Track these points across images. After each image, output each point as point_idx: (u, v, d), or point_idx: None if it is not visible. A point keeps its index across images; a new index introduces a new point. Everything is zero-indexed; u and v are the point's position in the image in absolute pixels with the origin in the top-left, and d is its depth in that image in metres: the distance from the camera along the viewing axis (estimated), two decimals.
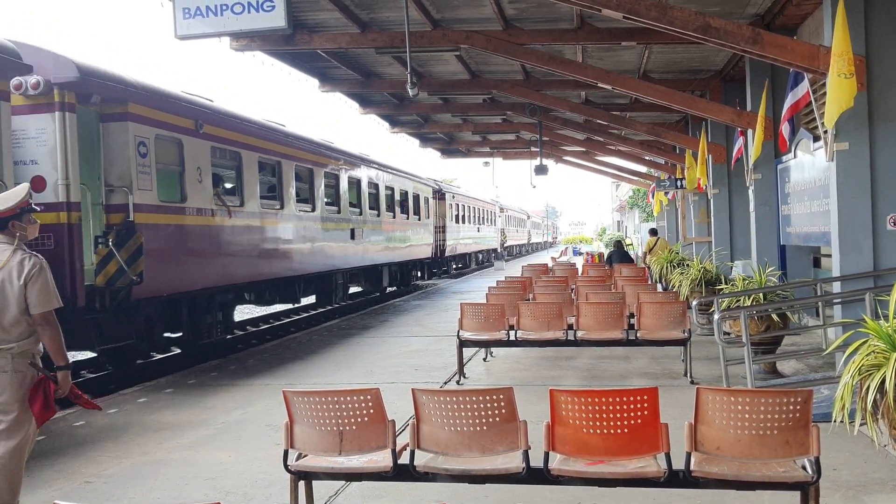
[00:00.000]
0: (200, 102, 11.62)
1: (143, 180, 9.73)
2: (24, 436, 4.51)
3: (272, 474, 5.51)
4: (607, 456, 3.98)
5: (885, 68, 7.52)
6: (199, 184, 11.10)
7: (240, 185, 12.47)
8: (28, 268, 4.51)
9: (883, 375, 4.34)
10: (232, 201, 12.11)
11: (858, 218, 7.63)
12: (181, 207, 10.72)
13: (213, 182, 11.50)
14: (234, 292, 12.93)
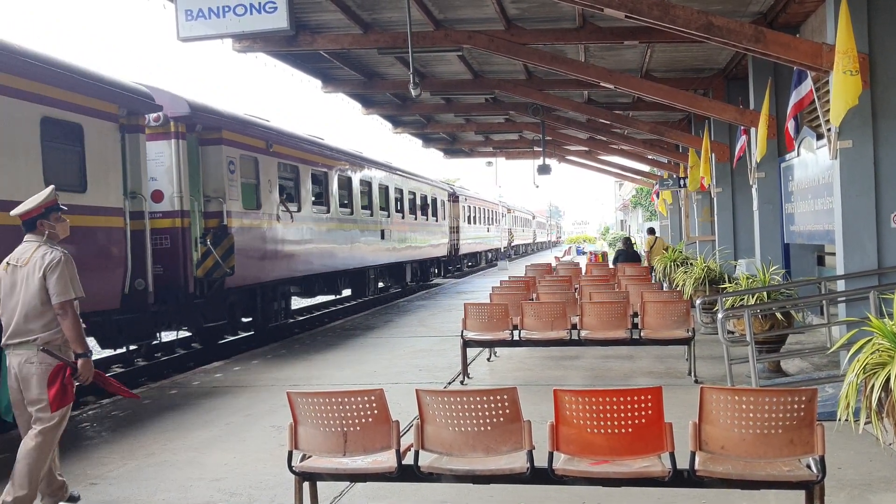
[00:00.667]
0: (270, 126, 14.01)
1: (232, 192, 11.97)
2: (56, 426, 4.81)
3: (277, 475, 5.53)
4: (611, 456, 3.98)
5: (888, 66, 7.51)
6: (270, 193, 13.38)
7: (297, 194, 14.75)
8: (48, 260, 4.79)
9: (888, 373, 4.34)
10: (292, 207, 14.29)
11: (862, 216, 7.62)
12: (258, 213, 12.93)
13: (279, 192, 13.77)
14: (292, 284, 15.15)
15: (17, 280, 4.85)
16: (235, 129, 12.32)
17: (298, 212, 14.55)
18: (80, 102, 8.62)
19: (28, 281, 4.81)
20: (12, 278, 4.87)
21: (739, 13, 10.72)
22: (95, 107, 8.87)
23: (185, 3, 8.02)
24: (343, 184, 17.37)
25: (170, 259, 10.65)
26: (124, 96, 9.41)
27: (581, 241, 77.71)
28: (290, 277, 14.49)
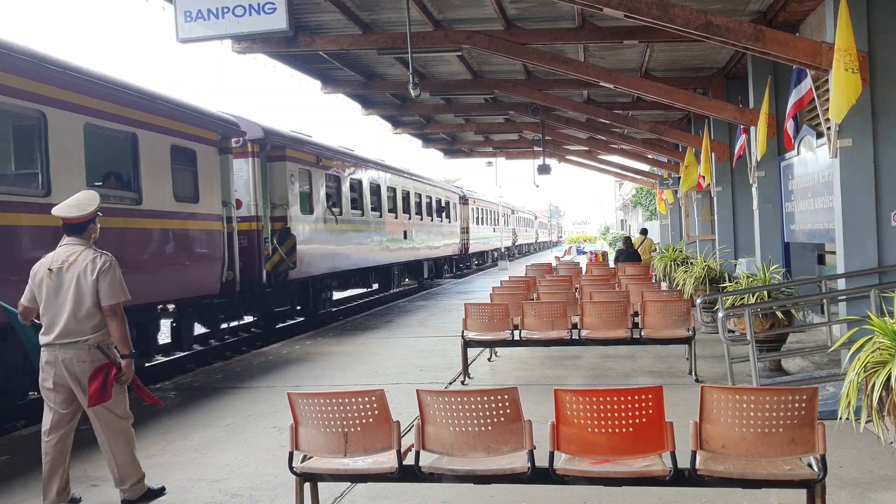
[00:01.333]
0: (319, 143, 16.38)
1: (293, 199, 14.35)
2: (122, 415, 5.16)
3: (278, 476, 5.53)
4: (612, 455, 3.98)
5: (888, 64, 7.50)
6: (319, 200, 15.83)
7: (339, 200, 17.15)
8: (100, 264, 5.04)
9: (888, 372, 4.34)
10: (335, 212, 16.68)
11: (863, 214, 7.61)
12: (311, 217, 15.29)
13: (325, 198, 16.19)
14: (334, 278, 17.58)
15: (64, 282, 5.01)
16: (295, 147, 14.80)
17: (340, 215, 17.04)
18: (194, 133, 10.90)
19: (79, 283, 4.99)
20: (57, 281, 5.02)
21: (739, 12, 10.72)
22: (204, 135, 11.17)
23: (184, 4, 8.02)
24: (374, 190, 20.01)
25: (247, 255, 12.85)
26: (220, 125, 11.70)
27: (581, 240, 77.88)
28: (333, 272, 16.99)
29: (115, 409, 5.12)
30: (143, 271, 9.56)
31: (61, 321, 4.98)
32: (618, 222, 76.10)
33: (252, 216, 13.19)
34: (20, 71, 7.67)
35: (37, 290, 5.08)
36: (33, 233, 7.77)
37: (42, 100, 7.95)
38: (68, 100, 8.33)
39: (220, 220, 11.47)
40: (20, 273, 5.88)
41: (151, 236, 9.83)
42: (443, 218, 28.38)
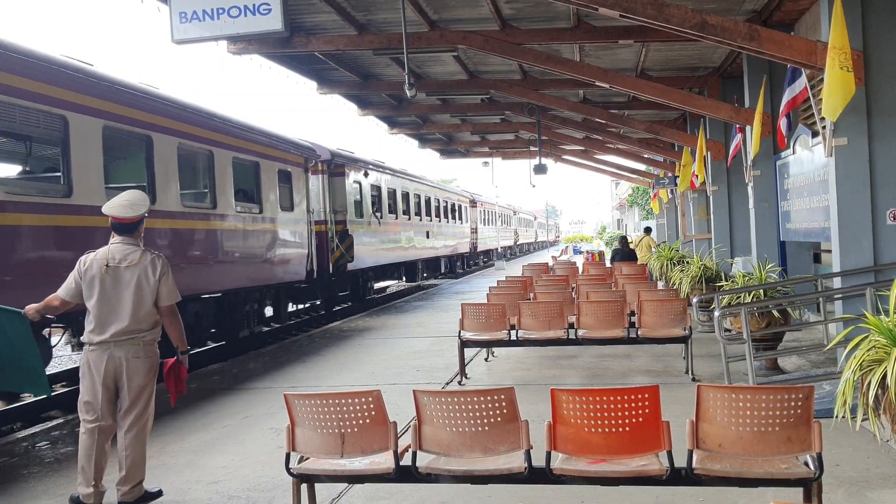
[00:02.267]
0: (367, 159, 20.22)
1: (349, 207, 17.96)
2: (151, 414, 5.30)
3: (275, 477, 5.53)
4: (609, 455, 3.98)
5: (883, 63, 7.52)
6: (368, 206, 19.68)
7: (380, 206, 20.90)
8: (160, 266, 5.25)
9: (884, 370, 4.33)
10: (378, 216, 20.43)
11: (858, 213, 7.63)
12: (362, 220, 18.94)
13: (371, 205, 19.90)
14: (375, 271, 21.40)
15: (123, 280, 5.13)
16: (350, 164, 18.43)
17: (382, 219, 20.84)
18: (291, 159, 14.55)
19: (140, 283, 5.14)
20: (114, 277, 5.12)
21: (734, 11, 10.73)
22: (296, 160, 14.77)
23: (179, 5, 8.01)
24: (404, 197, 23.85)
25: (319, 252, 16.39)
26: (305, 150, 15.40)
27: (578, 240, 78.08)
28: (376, 266, 20.61)
29: (149, 404, 5.27)
30: (263, 263, 13.23)
31: (119, 319, 5.08)
32: (614, 222, 76.19)
33: (323, 220, 16.88)
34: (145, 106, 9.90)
35: (87, 286, 5.11)
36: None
37: (210, 142, 11.55)
38: (228, 142, 11.98)
39: (307, 223, 15.24)
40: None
41: (266, 237, 13.31)
42: (456, 220, 32.75)
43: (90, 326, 5.11)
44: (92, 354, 5.09)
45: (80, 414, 5.17)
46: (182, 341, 5.38)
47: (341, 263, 17.27)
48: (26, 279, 7.61)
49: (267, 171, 13.23)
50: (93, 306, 5.09)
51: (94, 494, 5.07)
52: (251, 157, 12.61)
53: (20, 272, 7.57)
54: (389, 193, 22.08)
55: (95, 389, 5.09)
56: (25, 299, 5.56)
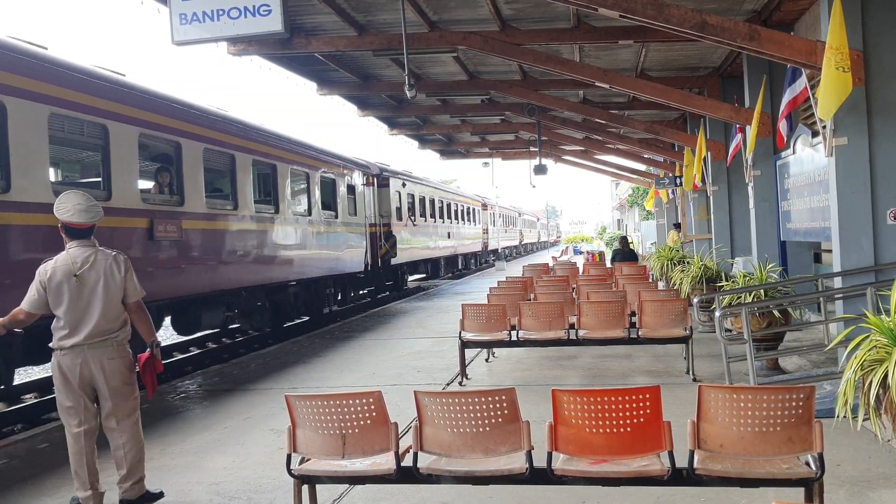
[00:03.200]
0: (403, 172, 23.91)
1: (392, 212, 21.68)
2: (138, 409, 5.32)
3: (276, 478, 5.52)
4: (610, 455, 3.98)
5: (883, 62, 7.51)
6: (405, 211, 23.50)
7: (413, 211, 24.65)
8: (122, 263, 5.23)
9: (885, 370, 4.33)
10: (413, 219, 24.37)
11: (859, 213, 7.62)
12: (401, 223, 22.74)
13: (407, 209, 23.76)
14: (409, 266, 25.44)
15: (88, 283, 5.08)
16: (392, 177, 22.21)
17: (415, 222, 24.70)
18: (356, 175, 18.62)
19: (108, 283, 5.12)
20: (80, 281, 5.06)
21: (734, 11, 10.74)
22: (358, 176, 18.74)
23: (179, 6, 8.01)
24: (431, 202, 27.58)
25: (371, 249, 19.68)
26: (364, 167, 19.55)
27: (579, 240, 78.27)
28: (410, 262, 24.55)
29: (135, 400, 5.29)
30: (338, 257, 16.95)
31: (91, 321, 5.04)
32: (614, 222, 76.18)
33: (373, 224, 20.20)
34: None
35: (53, 295, 5.04)
36: None
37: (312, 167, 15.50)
38: (320, 166, 15.95)
39: (366, 225, 19.19)
40: None
41: (340, 237, 17.11)
42: (471, 221, 36.59)
43: (62, 332, 5.04)
44: (64, 359, 5.02)
45: (64, 420, 5.14)
46: (151, 334, 5.39)
47: (386, 259, 20.99)
48: None
49: (340, 185, 17.33)
50: (63, 313, 5.02)
51: (94, 496, 5.07)
52: (332, 175, 16.77)
53: None
54: (420, 200, 25.75)
55: (75, 394, 5.06)
56: None
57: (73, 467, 5.10)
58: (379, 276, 21.51)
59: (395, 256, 21.41)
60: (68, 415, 5.11)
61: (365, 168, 19.64)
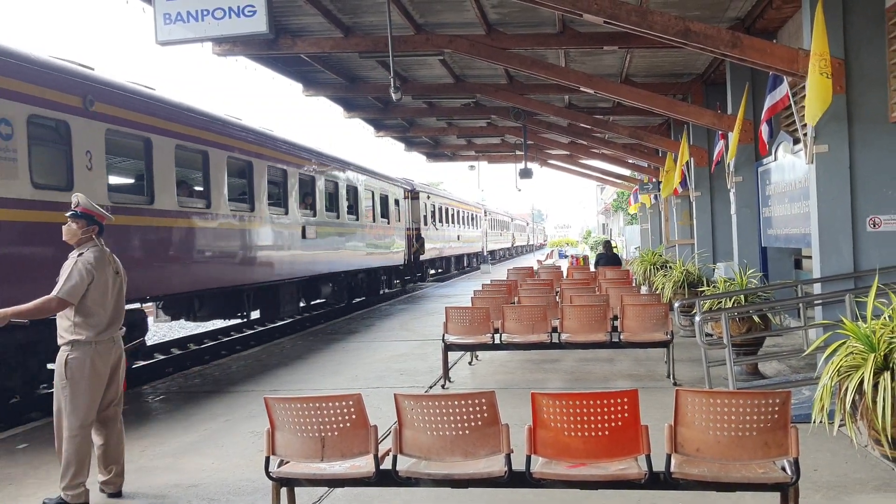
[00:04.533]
0: (427, 187, 31.56)
1: (421, 218, 27.61)
2: None
3: (255, 481, 5.50)
4: (588, 458, 3.99)
5: (864, 71, 7.59)
6: (429, 218, 29.06)
7: (436, 217, 30.36)
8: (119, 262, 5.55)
9: (861, 376, 4.38)
10: (434, 224, 29.93)
11: (838, 220, 7.69)
12: (427, 228, 28.23)
13: (431, 216, 29.16)
14: (430, 262, 31.47)
15: (116, 279, 5.42)
16: (422, 190, 28.57)
17: (436, 227, 30.35)
18: (400, 190, 24.45)
19: (123, 281, 5.50)
20: (114, 273, 5.40)
21: (717, 19, 10.81)
22: (400, 190, 24.56)
23: (163, 6, 7.97)
24: (446, 211, 33.40)
25: (406, 247, 25.17)
26: (405, 183, 25.91)
27: (564, 244, 78.65)
28: (432, 259, 30.60)
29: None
30: (388, 253, 22.40)
31: (120, 314, 5.42)
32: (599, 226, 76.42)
33: (408, 228, 25.95)
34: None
35: (100, 288, 5.21)
36: None
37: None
38: (379, 185, 21.87)
39: (405, 230, 25.00)
40: None
41: (389, 238, 22.65)
42: (473, 226, 41.87)
43: (99, 325, 5.18)
44: (100, 351, 5.18)
45: (76, 417, 5.09)
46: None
47: (417, 256, 26.93)
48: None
49: (391, 198, 23.06)
50: (104, 306, 5.23)
51: (85, 493, 5.11)
52: (384, 192, 22.23)
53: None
54: (438, 209, 31.37)
55: (99, 387, 5.21)
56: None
57: (72, 465, 5.07)
58: (411, 270, 27.56)
59: (423, 254, 27.65)
60: (88, 410, 5.15)
61: (406, 184, 26.40)
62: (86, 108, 8.80)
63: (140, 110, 9.89)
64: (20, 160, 7.77)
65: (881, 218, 7.62)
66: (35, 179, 7.98)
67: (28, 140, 7.88)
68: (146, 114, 10.00)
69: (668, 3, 10.21)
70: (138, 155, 10.36)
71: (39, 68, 8.19)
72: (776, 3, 9.82)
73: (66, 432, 5.09)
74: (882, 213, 7.62)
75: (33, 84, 8.01)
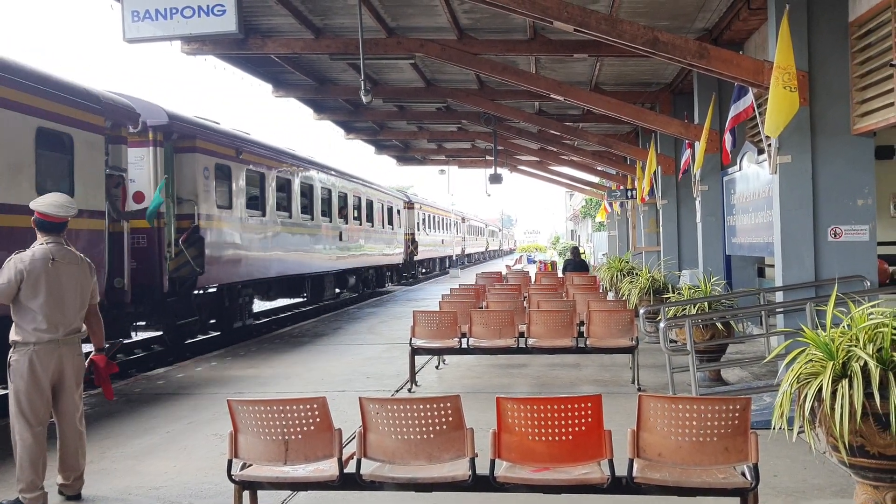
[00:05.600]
0: (417, 196, 38.45)
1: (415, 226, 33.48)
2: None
3: (218, 484, 5.45)
4: (552, 463, 4.01)
5: (827, 83, 7.73)
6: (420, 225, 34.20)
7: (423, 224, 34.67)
8: (92, 266, 5.39)
9: (820, 384, 4.45)
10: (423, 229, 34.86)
11: (800, 229, 7.82)
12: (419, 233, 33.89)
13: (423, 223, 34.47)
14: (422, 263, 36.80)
15: (63, 277, 5.12)
16: (416, 203, 33.34)
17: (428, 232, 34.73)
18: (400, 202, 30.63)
19: (82, 281, 5.24)
20: (56, 275, 5.09)
21: (685, 29, 10.96)
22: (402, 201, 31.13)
23: (132, 4, 7.89)
24: (431, 218, 37.21)
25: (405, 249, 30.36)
26: (403, 195, 33.12)
27: (532, 249, 78.96)
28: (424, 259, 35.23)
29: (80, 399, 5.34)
30: (391, 254, 27.40)
31: (67, 317, 5.12)
32: (568, 232, 76.95)
33: (406, 233, 30.49)
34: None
35: (31, 286, 5.00)
36: None
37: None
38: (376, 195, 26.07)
39: (403, 234, 29.48)
40: None
41: (392, 241, 27.50)
42: (453, 232, 46.26)
43: (38, 325, 5.00)
44: (39, 354, 4.99)
45: (23, 420, 5.01)
46: (103, 338, 5.54)
47: (412, 257, 31.30)
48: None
49: (394, 208, 27.39)
50: (40, 305, 5.00)
51: (42, 496, 5.00)
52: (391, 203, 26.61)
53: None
54: (429, 217, 36.49)
55: (43, 391, 5.03)
56: None
57: (25, 468, 4.97)
58: (408, 268, 32.85)
59: (417, 255, 32.21)
60: (32, 413, 5.02)
61: (403, 197, 31.74)
62: (237, 156, 14.22)
63: (256, 153, 15.16)
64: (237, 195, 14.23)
65: (842, 228, 7.76)
66: (248, 206, 14.66)
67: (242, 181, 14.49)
68: (261, 157, 15.42)
69: (638, 13, 10.32)
70: (283, 188, 16.66)
71: (221, 136, 13.86)
72: (743, 15, 9.97)
73: (16, 435, 5.02)
74: (843, 224, 7.76)
75: (216, 144, 13.50)
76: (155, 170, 11.89)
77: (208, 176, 12.90)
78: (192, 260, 12.19)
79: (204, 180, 12.72)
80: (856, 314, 4.21)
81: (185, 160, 12.42)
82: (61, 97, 8.80)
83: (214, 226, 13.03)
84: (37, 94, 8.39)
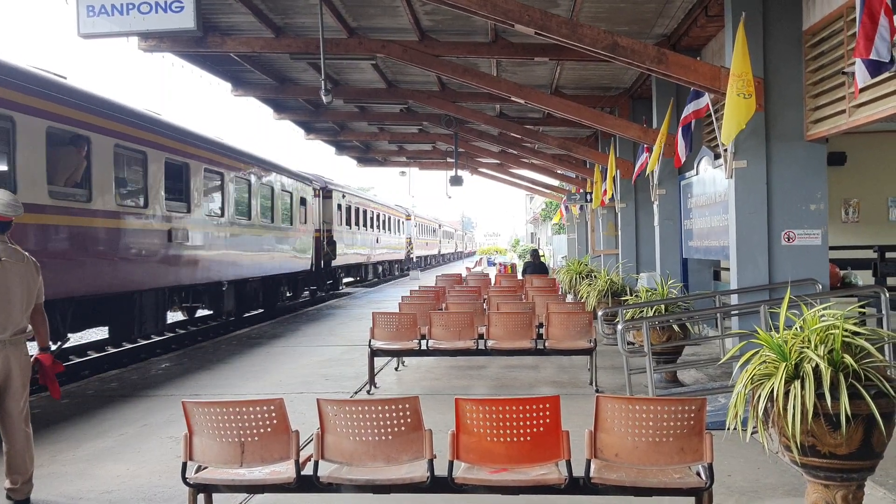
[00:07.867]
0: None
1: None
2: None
3: (172, 487, 5.36)
4: (510, 464, 4.02)
5: (781, 90, 7.89)
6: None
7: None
8: (38, 265, 5.31)
9: (773, 385, 4.52)
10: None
11: (755, 233, 7.96)
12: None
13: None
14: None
15: (9, 277, 5.03)
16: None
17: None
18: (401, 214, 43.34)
19: (27, 279, 5.14)
20: (3, 272, 5.01)
21: (645, 34, 11.09)
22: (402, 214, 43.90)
23: None
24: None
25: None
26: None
27: (493, 252, 79.22)
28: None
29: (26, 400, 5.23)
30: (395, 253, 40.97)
31: (12, 317, 5.03)
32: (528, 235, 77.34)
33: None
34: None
35: None
36: None
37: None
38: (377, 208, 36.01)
39: (405, 240, 43.82)
40: None
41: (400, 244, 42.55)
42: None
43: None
44: None
45: None
46: (47, 338, 5.47)
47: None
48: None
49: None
50: None
51: None
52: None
53: None
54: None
55: None
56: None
57: None
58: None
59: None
60: None
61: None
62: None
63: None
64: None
65: (795, 232, 7.92)
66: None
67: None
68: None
69: (598, 18, 10.42)
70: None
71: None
72: (701, 22, 10.13)
73: None
74: (796, 228, 7.92)
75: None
76: (317, 207, 23.76)
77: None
78: (331, 252, 24.36)
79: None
80: (808, 317, 4.29)
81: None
82: (307, 179, 22.04)
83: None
84: (298, 179, 20.99)
